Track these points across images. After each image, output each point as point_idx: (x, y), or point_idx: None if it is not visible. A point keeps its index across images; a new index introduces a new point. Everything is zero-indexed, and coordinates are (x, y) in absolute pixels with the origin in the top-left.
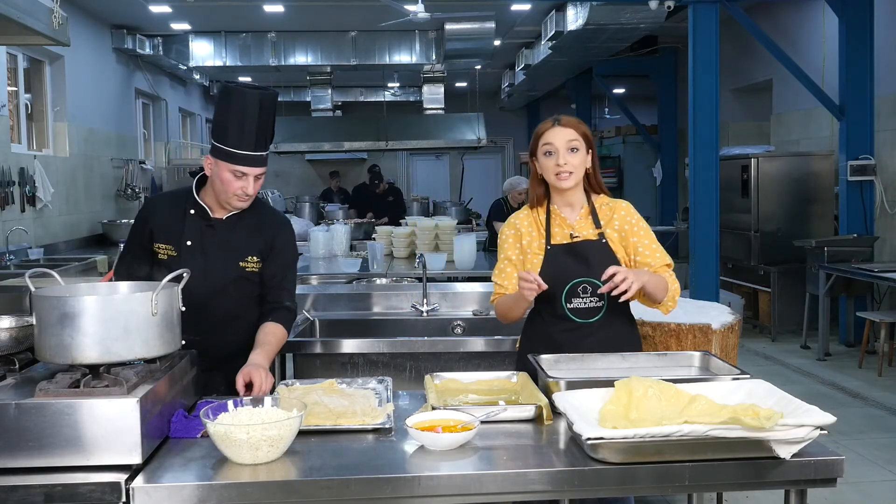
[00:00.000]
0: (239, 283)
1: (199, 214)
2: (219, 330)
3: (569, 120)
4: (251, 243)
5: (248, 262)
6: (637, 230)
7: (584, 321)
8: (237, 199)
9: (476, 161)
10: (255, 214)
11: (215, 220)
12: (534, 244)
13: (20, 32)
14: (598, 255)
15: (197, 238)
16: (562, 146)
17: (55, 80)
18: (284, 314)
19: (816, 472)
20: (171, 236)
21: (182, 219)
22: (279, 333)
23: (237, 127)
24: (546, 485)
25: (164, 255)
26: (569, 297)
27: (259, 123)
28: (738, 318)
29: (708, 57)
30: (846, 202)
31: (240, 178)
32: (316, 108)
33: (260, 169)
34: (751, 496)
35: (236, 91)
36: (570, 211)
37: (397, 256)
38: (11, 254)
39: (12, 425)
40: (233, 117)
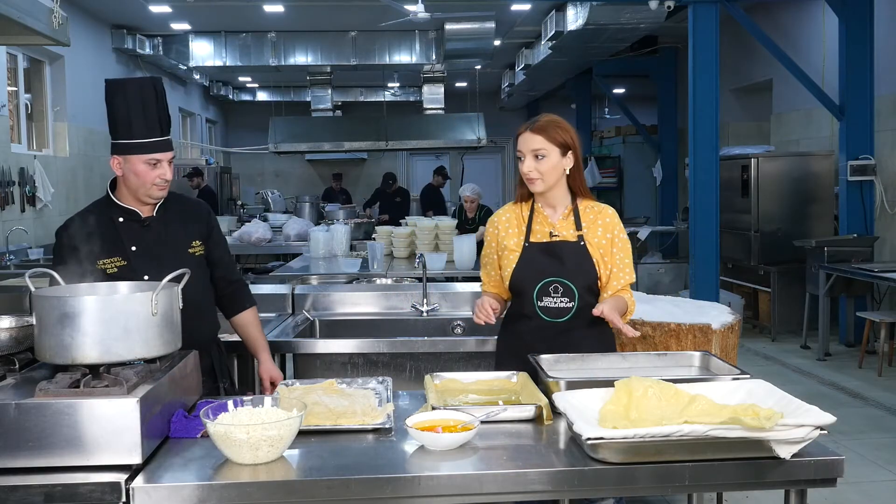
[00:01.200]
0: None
1: (130, 219)
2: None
3: (543, 125)
4: (189, 230)
5: (194, 248)
6: (618, 241)
7: (553, 320)
8: (157, 189)
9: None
10: (177, 203)
11: (147, 219)
12: (511, 241)
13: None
14: (573, 256)
15: (139, 241)
16: (528, 153)
17: (55, 80)
18: (246, 293)
19: (816, 472)
20: (112, 249)
21: (114, 229)
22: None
23: (140, 117)
24: (546, 485)
25: (114, 268)
26: (540, 295)
27: (158, 108)
28: (738, 318)
29: (708, 57)
30: (846, 202)
31: (155, 167)
32: (316, 108)
33: (171, 153)
34: (751, 496)
35: (129, 82)
36: (553, 211)
37: (397, 256)
38: (11, 254)
39: (12, 425)
40: (133, 109)
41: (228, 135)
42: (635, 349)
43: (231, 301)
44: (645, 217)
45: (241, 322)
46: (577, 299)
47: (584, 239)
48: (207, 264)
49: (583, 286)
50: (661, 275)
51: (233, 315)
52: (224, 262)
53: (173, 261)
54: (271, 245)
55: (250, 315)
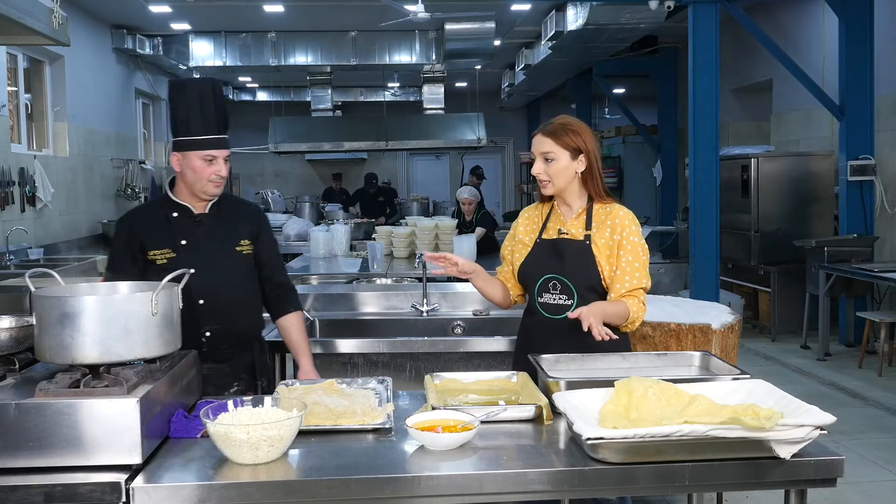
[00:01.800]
0: (239, 269)
1: (183, 215)
2: (234, 316)
3: (554, 128)
4: (239, 229)
5: (242, 247)
6: (626, 244)
7: (552, 317)
8: (213, 185)
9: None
10: (230, 203)
11: (200, 216)
12: (527, 237)
13: (20, 32)
14: (576, 254)
15: (189, 236)
16: (538, 155)
17: (55, 80)
18: (292, 297)
19: (816, 472)
20: (163, 241)
21: (167, 223)
22: (300, 323)
23: (198, 115)
24: (546, 485)
25: (164, 259)
26: (540, 291)
27: (216, 108)
28: (738, 318)
29: (708, 57)
30: (846, 202)
31: (211, 163)
32: (316, 108)
33: (227, 151)
34: (751, 496)
35: (190, 82)
36: (568, 210)
37: (397, 256)
38: (11, 254)
39: (12, 425)
40: (193, 108)
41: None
42: (636, 349)
43: (276, 303)
44: (645, 217)
45: (284, 325)
46: (576, 297)
47: (591, 239)
48: (255, 264)
49: (583, 285)
50: (661, 275)
51: (277, 317)
52: (271, 264)
53: (220, 256)
54: None
55: (294, 319)
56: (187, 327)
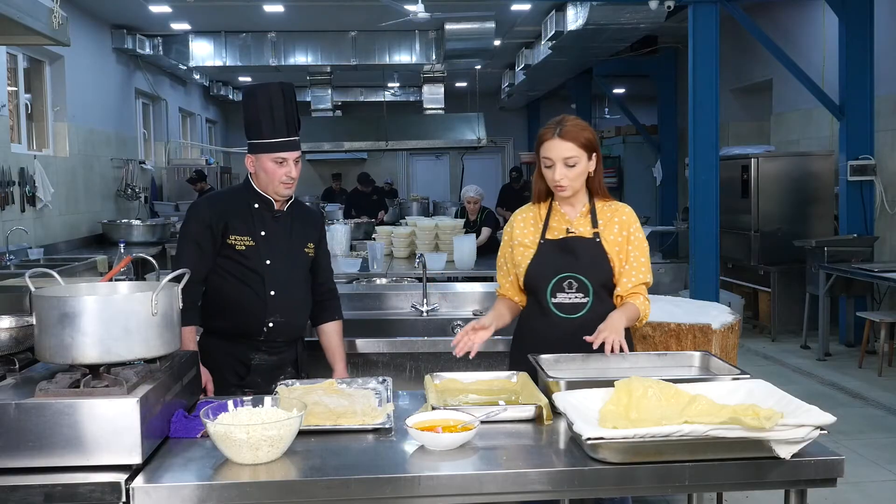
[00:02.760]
0: (304, 268)
1: (264, 208)
2: (296, 311)
3: (570, 129)
4: (307, 232)
5: (308, 249)
6: (633, 239)
7: (567, 316)
8: (284, 187)
9: (476, 161)
10: (299, 206)
11: (279, 212)
12: (527, 239)
13: (20, 32)
14: (589, 252)
15: (269, 228)
16: (558, 160)
17: (55, 80)
18: (336, 305)
19: (816, 472)
20: (245, 229)
21: (250, 212)
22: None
23: (268, 118)
24: (546, 485)
25: (242, 245)
26: (554, 291)
27: (286, 111)
28: (738, 318)
29: (708, 57)
30: (846, 202)
31: (282, 165)
32: (316, 108)
33: (297, 153)
34: (751, 496)
35: (259, 87)
36: (571, 209)
37: (397, 256)
38: (11, 254)
39: (12, 425)
40: (262, 111)
41: (228, 135)
42: (636, 349)
43: (321, 308)
44: (645, 217)
45: (325, 331)
46: (591, 295)
47: (601, 236)
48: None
49: (597, 282)
50: (661, 275)
51: (319, 323)
52: (324, 270)
53: (292, 254)
54: None
55: (335, 326)
56: (253, 316)
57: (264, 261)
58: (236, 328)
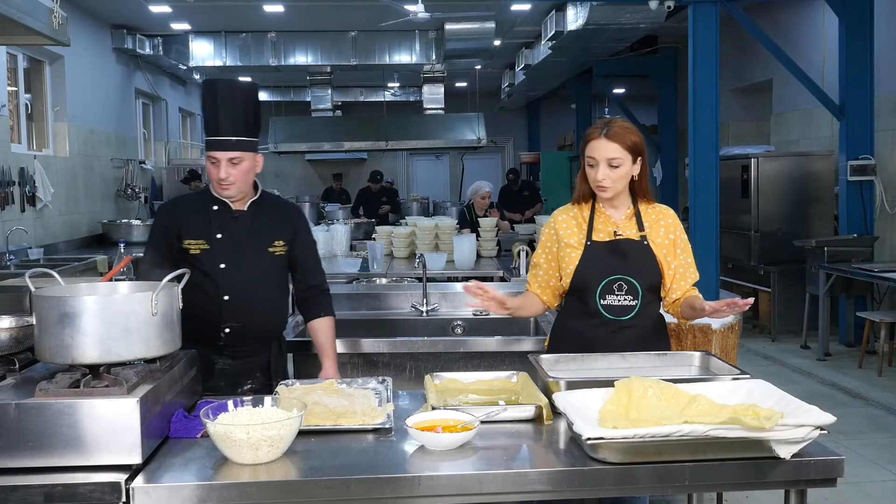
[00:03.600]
0: (269, 268)
1: (222, 209)
2: (258, 315)
3: (617, 131)
4: (275, 230)
5: (275, 248)
6: (680, 242)
7: (616, 318)
8: (219, 187)
9: (476, 161)
10: (272, 203)
11: (238, 213)
12: (573, 240)
13: (20, 32)
14: (638, 254)
15: (225, 230)
16: (602, 161)
17: (55, 80)
18: (325, 301)
19: (816, 472)
20: (200, 232)
21: (208, 215)
22: (331, 329)
23: (210, 116)
24: (546, 485)
25: (197, 249)
26: (603, 293)
27: (232, 109)
28: (738, 318)
29: (708, 57)
30: (846, 202)
31: (214, 165)
32: (316, 108)
33: (230, 153)
34: (751, 496)
35: (209, 83)
36: (615, 211)
37: (397, 256)
38: (11, 254)
39: (12, 425)
40: (207, 108)
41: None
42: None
43: (307, 306)
44: None
45: (313, 328)
46: (640, 297)
47: (648, 238)
48: (290, 266)
49: (646, 285)
50: None
51: (308, 320)
52: (305, 267)
53: (252, 255)
54: None
55: (323, 323)
56: (208, 322)
57: (218, 264)
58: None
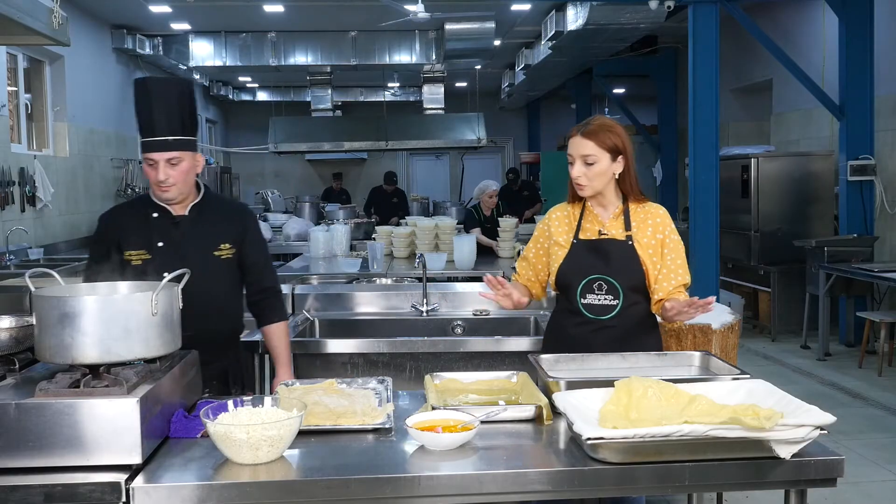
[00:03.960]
0: (216, 273)
1: (162, 215)
2: (207, 322)
3: (594, 129)
4: (221, 232)
5: (221, 251)
6: (668, 242)
7: (596, 317)
8: (158, 189)
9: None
10: (215, 205)
11: (178, 217)
12: (562, 238)
13: (20, 32)
14: (620, 255)
15: (166, 238)
16: (578, 158)
17: (55, 80)
18: (277, 305)
19: (816, 472)
20: (140, 242)
21: (147, 223)
22: (284, 333)
23: (144, 116)
24: (546, 485)
25: (138, 260)
26: (584, 292)
27: (166, 108)
28: (738, 318)
29: (708, 57)
30: (846, 202)
31: (152, 167)
32: (316, 108)
33: (168, 154)
34: (751, 496)
35: (140, 82)
36: (604, 210)
37: (397, 256)
38: (11, 254)
39: (12, 425)
40: (141, 108)
41: (228, 135)
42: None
43: (260, 309)
44: None
45: (267, 333)
46: (621, 297)
47: (633, 238)
48: (240, 268)
49: (628, 285)
50: None
51: (261, 325)
52: (256, 269)
53: (197, 261)
54: (271, 245)
55: (277, 329)
56: None
57: (161, 274)
58: None
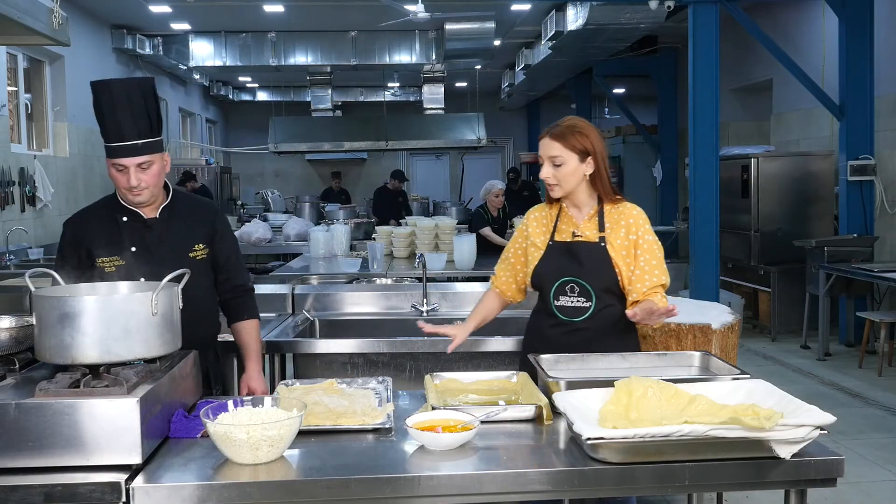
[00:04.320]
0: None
1: (133, 219)
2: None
3: (562, 131)
4: (193, 233)
5: (195, 252)
6: (642, 243)
7: (570, 319)
8: (129, 194)
9: (476, 161)
10: (185, 205)
11: (150, 221)
12: (538, 239)
13: (20, 32)
14: (592, 257)
15: (139, 242)
16: (546, 158)
17: (55, 80)
18: (250, 303)
19: (816, 472)
20: (112, 248)
21: (117, 228)
22: (255, 330)
23: (109, 120)
24: (546, 485)
25: (112, 266)
26: (557, 294)
27: (131, 111)
28: (738, 318)
29: (708, 57)
30: (846, 202)
31: (122, 172)
32: (316, 108)
33: (138, 158)
34: (751, 496)
35: (100, 85)
36: (578, 212)
37: (397, 256)
38: (11, 254)
39: (12, 425)
40: (104, 112)
41: (228, 135)
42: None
43: (231, 307)
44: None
45: (237, 330)
46: (594, 300)
47: (606, 240)
48: (212, 268)
49: (601, 287)
50: None
51: (231, 322)
52: (227, 267)
53: (172, 264)
54: (271, 245)
55: (248, 326)
56: None
57: (137, 279)
58: None
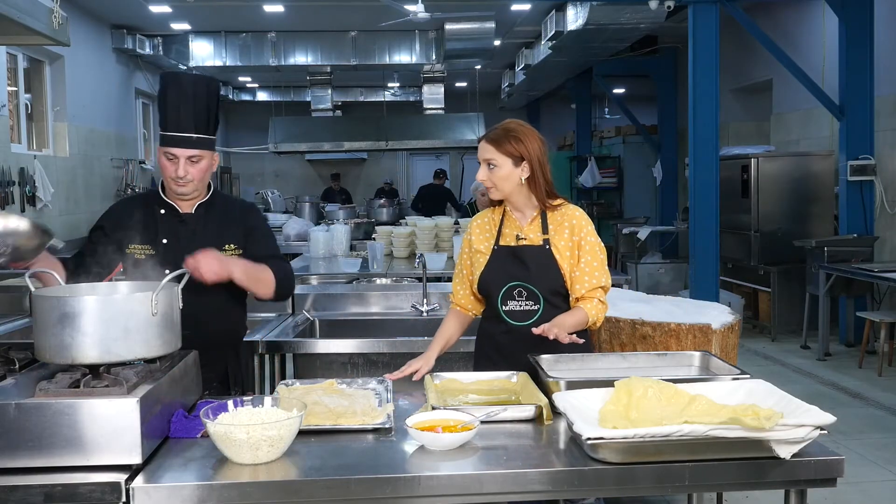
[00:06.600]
0: None
1: (170, 213)
2: (208, 324)
3: (496, 135)
4: (226, 232)
5: (226, 251)
6: (584, 244)
7: (519, 324)
8: (174, 184)
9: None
10: (221, 204)
11: (185, 216)
12: (483, 245)
13: (20, 32)
14: (537, 260)
15: (172, 235)
16: (482, 160)
17: (55, 80)
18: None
19: (816, 472)
20: (145, 237)
21: (154, 219)
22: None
23: (170, 110)
24: (546, 485)
25: (142, 254)
26: (504, 299)
27: (194, 105)
28: (738, 318)
29: (708, 57)
30: (846, 202)
31: (171, 161)
32: (316, 108)
33: (190, 151)
34: (751, 496)
35: (171, 76)
36: (522, 215)
37: (397, 256)
38: None
39: (12, 425)
40: (167, 102)
41: (228, 135)
42: (635, 349)
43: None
44: (645, 217)
45: None
46: (542, 303)
47: (550, 242)
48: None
49: (547, 290)
50: (661, 275)
51: None
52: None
53: None
54: None
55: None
56: None
57: (163, 270)
58: None
